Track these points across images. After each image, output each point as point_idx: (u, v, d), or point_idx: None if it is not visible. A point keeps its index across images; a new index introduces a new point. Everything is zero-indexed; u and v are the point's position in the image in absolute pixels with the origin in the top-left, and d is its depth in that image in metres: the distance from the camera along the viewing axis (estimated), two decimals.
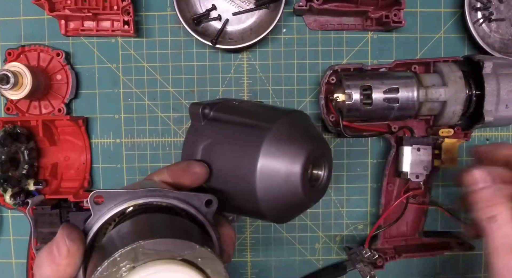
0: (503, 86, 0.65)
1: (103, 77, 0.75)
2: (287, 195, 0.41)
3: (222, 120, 0.45)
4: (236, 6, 0.73)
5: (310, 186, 0.43)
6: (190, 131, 0.46)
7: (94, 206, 0.36)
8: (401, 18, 0.69)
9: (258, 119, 0.44)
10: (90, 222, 0.36)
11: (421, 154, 0.68)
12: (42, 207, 0.69)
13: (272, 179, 0.41)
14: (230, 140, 0.44)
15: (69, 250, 0.33)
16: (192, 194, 0.38)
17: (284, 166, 0.41)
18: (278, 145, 0.41)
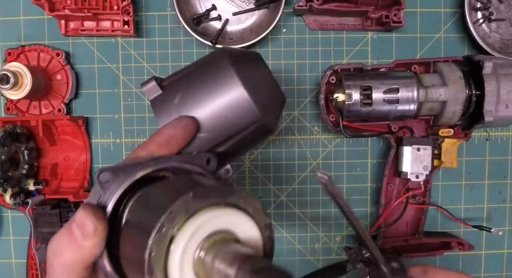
0: (503, 86, 0.65)
1: (103, 77, 0.75)
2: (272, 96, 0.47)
3: (177, 78, 0.48)
4: (236, 6, 0.73)
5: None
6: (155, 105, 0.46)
7: (103, 185, 0.34)
8: (401, 18, 0.69)
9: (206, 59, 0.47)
10: (102, 201, 0.34)
11: (421, 154, 0.68)
12: (42, 207, 0.69)
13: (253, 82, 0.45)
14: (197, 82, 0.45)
15: (96, 229, 0.31)
16: (193, 155, 0.39)
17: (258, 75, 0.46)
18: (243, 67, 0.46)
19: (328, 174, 0.44)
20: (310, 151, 0.77)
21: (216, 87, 0.46)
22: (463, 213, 0.78)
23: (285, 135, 0.76)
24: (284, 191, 0.77)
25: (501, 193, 0.78)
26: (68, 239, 0.31)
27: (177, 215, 0.29)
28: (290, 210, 0.77)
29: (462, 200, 0.78)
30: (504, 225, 0.78)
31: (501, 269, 0.79)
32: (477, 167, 0.78)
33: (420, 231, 0.73)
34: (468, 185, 0.78)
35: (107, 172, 0.35)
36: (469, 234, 0.77)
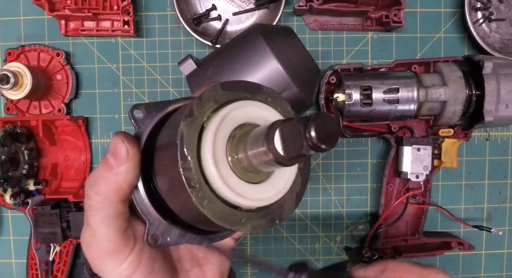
0: (503, 86, 0.65)
1: (103, 77, 0.75)
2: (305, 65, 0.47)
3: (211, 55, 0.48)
4: (236, 6, 0.73)
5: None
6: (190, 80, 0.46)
7: (137, 119, 0.35)
8: (401, 18, 0.69)
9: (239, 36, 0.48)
10: (138, 134, 0.34)
11: (421, 154, 0.68)
12: (42, 207, 0.69)
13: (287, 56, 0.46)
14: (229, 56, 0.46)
15: (128, 152, 0.31)
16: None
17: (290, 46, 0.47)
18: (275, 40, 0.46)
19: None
20: None
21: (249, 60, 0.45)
22: (463, 213, 0.78)
23: None
24: None
25: (501, 193, 0.78)
26: (103, 168, 0.32)
27: (206, 102, 0.28)
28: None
29: (462, 200, 0.78)
30: (504, 225, 0.78)
31: (501, 269, 0.79)
32: (477, 167, 0.78)
33: (420, 231, 0.73)
34: (468, 185, 0.78)
35: (141, 107, 0.35)
36: (469, 234, 0.77)
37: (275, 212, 0.29)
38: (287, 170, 0.30)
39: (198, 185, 0.27)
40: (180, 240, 0.33)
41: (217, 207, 0.27)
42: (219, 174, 0.27)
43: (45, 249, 0.72)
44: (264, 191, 0.29)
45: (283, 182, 0.30)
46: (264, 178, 0.29)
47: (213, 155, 0.27)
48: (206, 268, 0.40)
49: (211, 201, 0.27)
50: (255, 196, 0.28)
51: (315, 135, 0.23)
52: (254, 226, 0.28)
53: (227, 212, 0.27)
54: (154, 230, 0.33)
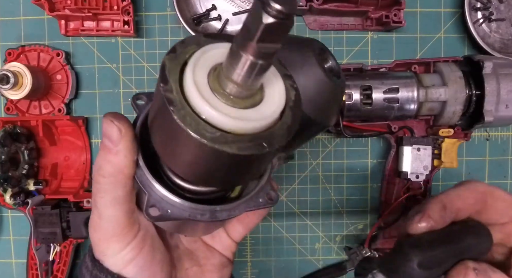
0: (503, 86, 0.65)
1: (103, 77, 0.75)
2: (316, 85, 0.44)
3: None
4: (236, 6, 0.73)
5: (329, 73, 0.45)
6: None
7: (138, 105, 0.36)
8: (401, 18, 0.69)
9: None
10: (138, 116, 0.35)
11: (421, 154, 0.68)
12: (42, 207, 0.69)
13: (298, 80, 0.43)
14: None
15: (120, 130, 0.32)
16: None
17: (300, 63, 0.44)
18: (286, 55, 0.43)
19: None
20: (310, 151, 0.77)
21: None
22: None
23: None
24: (284, 191, 0.77)
25: None
26: (102, 152, 0.33)
27: (188, 44, 0.29)
28: (290, 210, 0.77)
29: None
30: None
31: None
32: (477, 167, 0.78)
33: None
34: None
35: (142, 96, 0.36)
36: None
37: (264, 138, 0.28)
38: (274, 101, 0.30)
39: (180, 104, 0.27)
40: (181, 213, 0.33)
41: (201, 125, 0.27)
42: (200, 95, 0.27)
43: (45, 249, 0.72)
44: (250, 114, 0.28)
45: (271, 110, 0.29)
46: (250, 106, 0.29)
47: (194, 80, 0.28)
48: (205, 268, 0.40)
49: (193, 118, 0.27)
50: (240, 117, 0.28)
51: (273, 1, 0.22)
52: (240, 147, 0.27)
53: (210, 130, 0.27)
54: (154, 201, 0.32)
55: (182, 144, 0.28)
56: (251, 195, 0.35)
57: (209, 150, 0.27)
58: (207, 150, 0.27)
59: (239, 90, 0.28)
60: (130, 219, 0.34)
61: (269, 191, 0.35)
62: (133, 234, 0.34)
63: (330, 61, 0.46)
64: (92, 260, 0.35)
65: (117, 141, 0.32)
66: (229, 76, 0.27)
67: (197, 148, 0.27)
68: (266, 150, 0.28)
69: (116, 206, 0.33)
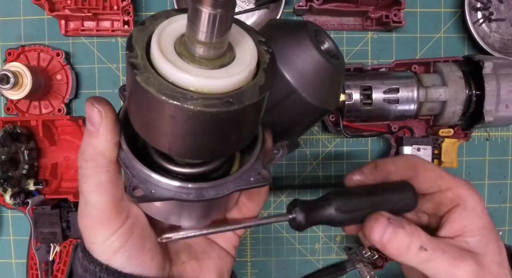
0: (503, 86, 0.65)
1: (103, 77, 0.75)
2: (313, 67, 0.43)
3: None
4: (236, 6, 0.73)
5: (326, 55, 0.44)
6: None
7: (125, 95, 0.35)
8: (401, 18, 0.69)
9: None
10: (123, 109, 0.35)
11: (421, 154, 0.68)
12: (42, 207, 0.69)
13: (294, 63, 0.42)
14: None
15: (101, 112, 0.32)
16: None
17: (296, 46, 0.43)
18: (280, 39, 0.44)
19: None
20: (310, 151, 0.77)
21: None
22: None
23: None
24: (284, 191, 0.77)
25: (501, 193, 0.78)
26: (85, 136, 0.33)
27: (158, 17, 0.31)
28: None
29: None
30: (504, 225, 0.78)
31: None
32: (477, 167, 0.78)
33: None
34: None
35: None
36: None
37: (233, 97, 0.28)
38: (244, 61, 0.29)
39: (144, 68, 0.27)
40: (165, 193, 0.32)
41: (164, 85, 0.26)
42: (164, 57, 0.27)
43: (45, 249, 0.72)
44: (217, 74, 0.28)
45: (240, 69, 0.29)
46: (218, 66, 0.29)
47: (159, 45, 0.28)
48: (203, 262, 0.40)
49: (156, 79, 0.26)
50: (206, 75, 0.27)
51: None
52: (206, 104, 0.26)
53: (175, 90, 0.27)
54: (137, 181, 0.31)
55: (151, 109, 0.27)
56: (240, 173, 0.34)
57: (175, 110, 0.26)
58: (174, 111, 0.26)
59: (206, 50, 0.28)
60: (117, 206, 0.33)
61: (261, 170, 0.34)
62: (121, 221, 0.33)
63: (327, 42, 0.46)
64: (83, 251, 0.35)
65: (97, 124, 0.32)
66: (193, 36, 0.27)
67: (164, 110, 0.26)
68: (234, 107, 0.27)
69: (100, 192, 0.33)
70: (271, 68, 0.30)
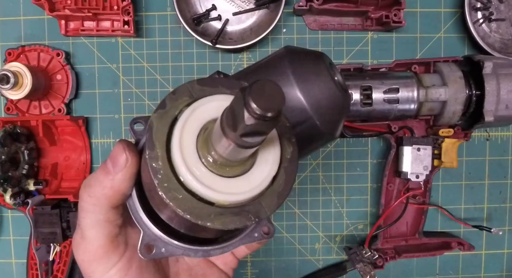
0: (503, 86, 0.65)
1: (103, 77, 0.75)
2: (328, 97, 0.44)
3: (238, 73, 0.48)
4: (236, 6, 0.73)
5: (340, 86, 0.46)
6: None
7: (137, 131, 0.35)
8: (401, 18, 0.69)
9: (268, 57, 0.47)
10: (139, 145, 0.34)
11: (421, 154, 0.68)
12: (42, 207, 0.69)
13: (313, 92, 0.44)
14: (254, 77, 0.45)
15: (127, 160, 0.31)
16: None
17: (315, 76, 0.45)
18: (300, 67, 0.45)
19: None
20: None
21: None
22: (463, 213, 0.78)
23: None
24: None
25: (501, 193, 0.78)
26: (100, 172, 0.32)
27: (180, 96, 0.28)
28: (290, 210, 0.77)
29: (462, 200, 0.78)
30: (504, 225, 0.78)
31: (501, 269, 0.79)
32: (477, 167, 0.78)
33: (420, 231, 0.73)
34: (468, 185, 0.78)
35: (141, 120, 0.35)
36: (469, 234, 0.77)
37: (251, 210, 0.28)
38: (266, 166, 0.29)
39: (165, 176, 0.26)
40: (175, 251, 0.32)
41: (184, 198, 0.26)
42: (186, 165, 0.26)
43: (45, 249, 0.72)
44: (238, 185, 0.28)
45: (261, 178, 0.28)
46: (239, 173, 0.28)
47: (181, 145, 0.27)
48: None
49: (177, 191, 0.26)
50: (226, 190, 0.27)
51: (255, 104, 0.21)
52: (224, 222, 0.27)
53: (195, 204, 0.26)
54: (148, 239, 0.32)
55: (171, 210, 0.27)
56: (246, 233, 0.34)
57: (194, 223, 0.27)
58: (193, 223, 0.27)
59: (226, 161, 0.27)
60: (114, 241, 0.33)
61: (266, 224, 0.34)
62: (118, 255, 0.33)
63: (338, 75, 0.47)
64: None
65: (119, 169, 0.31)
66: (215, 148, 0.26)
67: (182, 218, 0.27)
68: (252, 223, 0.27)
69: (99, 228, 0.32)
70: (292, 165, 0.30)
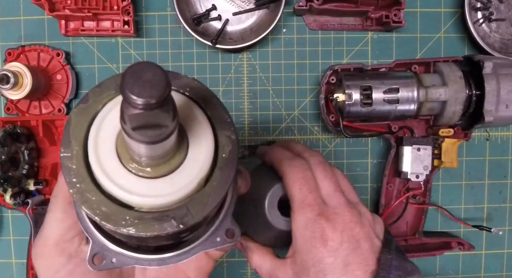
0: (503, 86, 0.65)
1: (103, 77, 0.74)
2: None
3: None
4: (236, 6, 0.73)
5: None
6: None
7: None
8: (401, 18, 0.69)
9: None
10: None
11: (421, 154, 0.68)
12: (42, 207, 0.69)
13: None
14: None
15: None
16: None
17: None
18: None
19: None
20: None
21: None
22: (463, 213, 0.78)
23: (285, 135, 0.76)
24: None
25: (501, 193, 0.78)
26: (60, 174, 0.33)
27: (105, 90, 0.25)
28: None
29: (462, 200, 0.78)
30: (504, 225, 0.78)
31: (501, 269, 0.79)
32: (477, 167, 0.78)
33: (420, 231, 0.73)
34: (468, 185, 0.78)
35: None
36: (469, 234, 0.77)
37: (176, 215, 0.25)
38: (196, 166, 0.25)
39: (79, 176, 0.24)
40: (127, 261, 0.30)
41: (98, 201, 0.24)
42: (100, 164, 0.24)
43: None
44: (160, 187, 0.25)
45: (187, 179, 0.25)
46: (164, 174, 0.25)
47: (96, 143, 0.24)
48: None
49: (91, 193, 0.24)
50: (146, 192, 0.24)
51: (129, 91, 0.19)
52: (142, 228, 0.24)
53: (111, 208, 0.24)
54: (98, 249, 0.30)
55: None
56: (206, 237, 0.31)
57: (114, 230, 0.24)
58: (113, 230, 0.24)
59: (146, 160, 0.24)
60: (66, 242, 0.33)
61: (230, 226, 0.31)
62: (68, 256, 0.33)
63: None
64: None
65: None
66: (129, 145, 0.23)
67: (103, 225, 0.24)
68: (175, 230, 0.24)
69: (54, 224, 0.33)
70: (229, 167, 0.26)
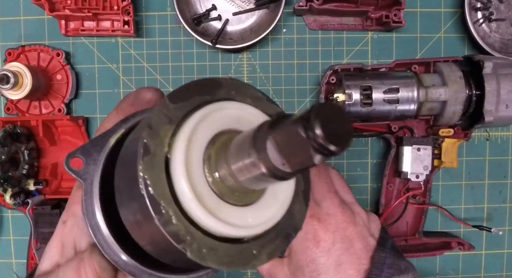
0: (503, 86, 0.65)
1: (103, 77, 0.75)
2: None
3: None
4: (236, 6, 0.73)
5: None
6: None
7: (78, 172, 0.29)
8: (401, 18, 0.69)
9: None
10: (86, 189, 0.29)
11: (421, 154, 0.68)
12: (42, 207, 0.69)
13: None
14: None
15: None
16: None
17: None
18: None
19: None
20: None
21: None
22: (463, 213, 0.78)
23: None
24: None
25: (501, 193, 0.78)
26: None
27: (159, 127, 0.22)
28: None
29: (462, 200, 0.78)
30: (504, 225, 0.78)
31: (501, 269, 0.79)
32: (477, 167, 0.78)
33: (420, 231, 0.73)
34: (468, 185, 0.78)
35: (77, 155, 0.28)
36: (469, 234, 0.77)
37: (287, 225, 0.24)
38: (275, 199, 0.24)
39: (189, 236, 0.21)
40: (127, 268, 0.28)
41: (220, 251, 0.22)
42: (206, 211, 0.21)
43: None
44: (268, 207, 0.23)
45: (284, 188, 0.24)
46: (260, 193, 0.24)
47: (192, 189, 0.21)
48: None
49: (210, 247, 0.21)
50: (258, 220, 0.23)
51: (322, 134, 0.16)
52: (270, 252, 0.23)
53: (233, 251, 0.22)
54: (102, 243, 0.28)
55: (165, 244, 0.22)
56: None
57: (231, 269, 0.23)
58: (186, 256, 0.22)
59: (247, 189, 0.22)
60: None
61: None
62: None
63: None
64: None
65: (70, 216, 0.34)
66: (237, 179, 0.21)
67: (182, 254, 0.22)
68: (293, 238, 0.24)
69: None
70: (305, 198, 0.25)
